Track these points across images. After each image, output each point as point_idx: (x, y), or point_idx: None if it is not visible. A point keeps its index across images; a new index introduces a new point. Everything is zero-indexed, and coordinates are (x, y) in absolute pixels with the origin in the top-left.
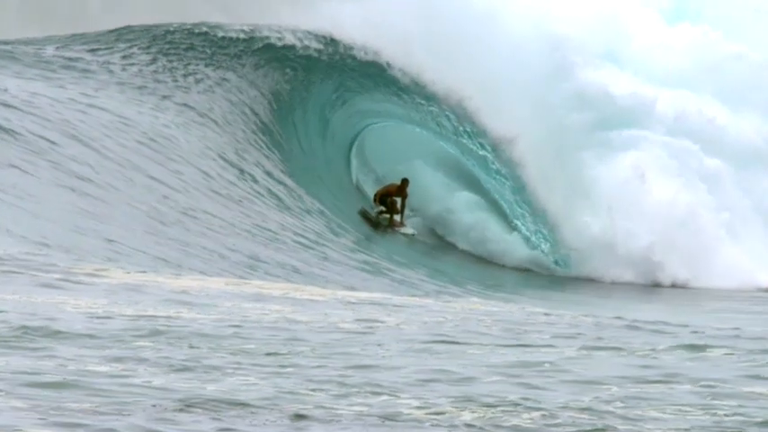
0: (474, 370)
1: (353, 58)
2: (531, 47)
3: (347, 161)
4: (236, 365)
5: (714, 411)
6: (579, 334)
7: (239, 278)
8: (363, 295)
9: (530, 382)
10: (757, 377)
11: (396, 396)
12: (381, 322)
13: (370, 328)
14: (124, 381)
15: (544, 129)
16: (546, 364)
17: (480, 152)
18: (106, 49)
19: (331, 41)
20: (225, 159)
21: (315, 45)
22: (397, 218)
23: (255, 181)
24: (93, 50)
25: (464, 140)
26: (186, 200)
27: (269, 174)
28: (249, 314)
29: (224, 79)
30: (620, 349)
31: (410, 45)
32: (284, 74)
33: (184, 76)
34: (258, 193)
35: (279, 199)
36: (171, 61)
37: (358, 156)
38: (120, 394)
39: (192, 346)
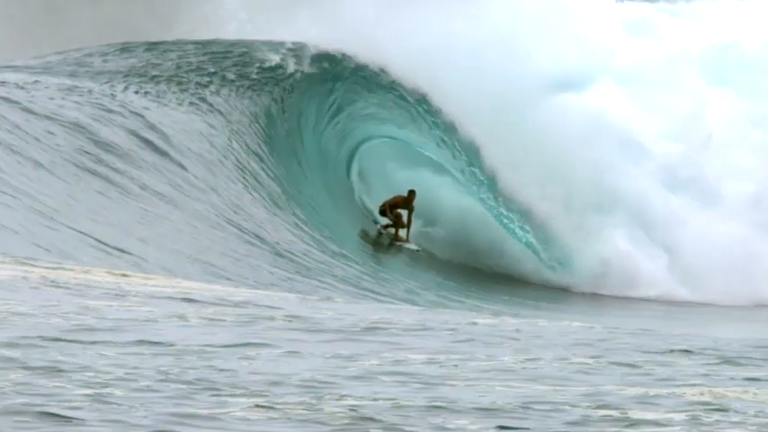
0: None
1: (355, 72)
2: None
3: (347, 173)
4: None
5: None
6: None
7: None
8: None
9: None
10: None
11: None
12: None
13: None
14: None
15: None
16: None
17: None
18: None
19: (335, 56)
20: (217, 160)
21: (315, 61)
22: (402, 232)
23: (245, 183)
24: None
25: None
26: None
27: (256, 176)
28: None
29: (221, 92)
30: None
31: (413, 60)
32: (284, 88)
33: (180, 90)
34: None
35: (261, 199)
36: (165, 74)
37: (357, 168)
38: None
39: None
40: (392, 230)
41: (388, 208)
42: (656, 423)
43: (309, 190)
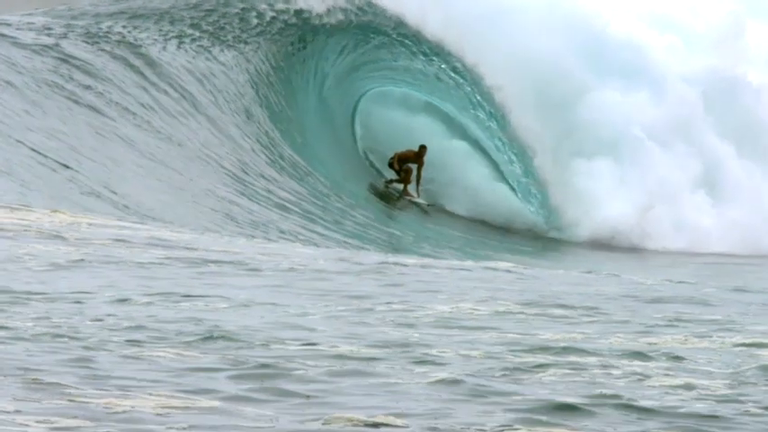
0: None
1: (366, 18)
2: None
3: (351, 124)
4: None
5: None
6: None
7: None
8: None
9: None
10: None
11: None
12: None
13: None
14: None
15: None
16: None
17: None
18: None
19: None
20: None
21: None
22: (410, 188)
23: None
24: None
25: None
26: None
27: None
28: None
29: (219, 23)
30: None
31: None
32: (297, 35)
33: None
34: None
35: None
36: (158, 11)
37: (360, 121)
38: None
39: None
40: (398, 185)
41: (397, 161)
42: (583, 368)
43: (294, 116)
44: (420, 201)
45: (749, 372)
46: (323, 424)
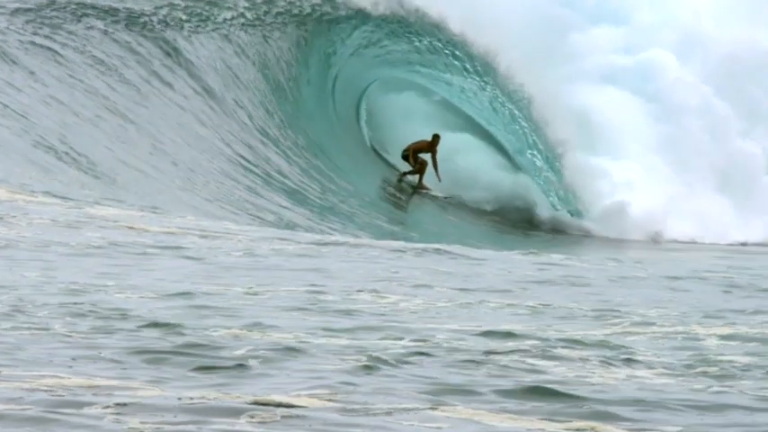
0: None
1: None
2: None
3: (357, 115)
4: None
5: None
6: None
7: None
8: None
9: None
10: None
11: None
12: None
13: None
14: None
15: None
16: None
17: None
18: None
19: None
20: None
21: None
22: (427, 178)
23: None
24: None
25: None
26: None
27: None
28: None
29: (233, 32)
30: None
31: None
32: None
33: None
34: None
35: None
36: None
37: (367, 110)
38: None
39: None
40: (411, 177)
41: (412, 153)
42: (515, 354)
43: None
44: (437, 194)
45: (686, 360)
46: (247, 404)
